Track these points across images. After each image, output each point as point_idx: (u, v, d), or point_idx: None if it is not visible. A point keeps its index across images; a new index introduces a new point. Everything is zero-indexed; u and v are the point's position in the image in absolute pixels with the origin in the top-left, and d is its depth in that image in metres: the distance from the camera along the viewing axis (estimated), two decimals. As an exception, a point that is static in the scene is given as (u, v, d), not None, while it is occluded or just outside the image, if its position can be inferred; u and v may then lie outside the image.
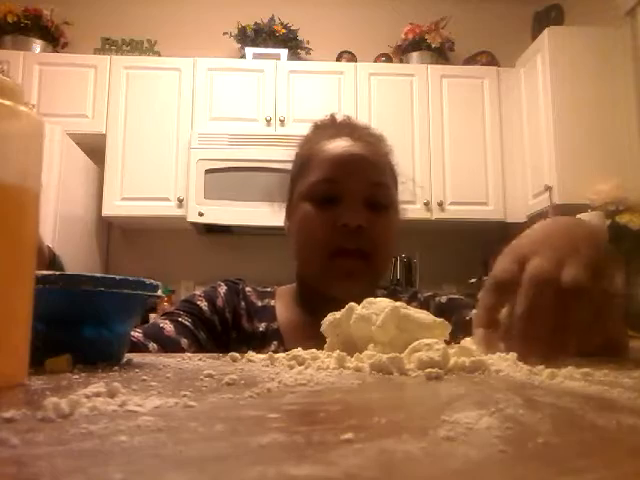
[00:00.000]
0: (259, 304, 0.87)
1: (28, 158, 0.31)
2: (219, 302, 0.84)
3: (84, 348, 0.40)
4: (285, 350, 0.48)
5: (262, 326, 0.83)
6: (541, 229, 0.51)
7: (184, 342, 0.76)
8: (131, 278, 0.43)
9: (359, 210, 0.78)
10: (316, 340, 0.51)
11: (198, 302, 0.83)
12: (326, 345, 0.49)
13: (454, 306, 0.86)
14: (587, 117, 2.61)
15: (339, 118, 0.91)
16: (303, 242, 0.81)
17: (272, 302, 0.87)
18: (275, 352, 0.46)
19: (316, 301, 0.79)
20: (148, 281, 0.44)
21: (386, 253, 0.82)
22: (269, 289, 0.91)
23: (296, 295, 0.88)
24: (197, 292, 0.87)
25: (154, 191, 2.81)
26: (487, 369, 0.37)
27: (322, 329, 0.51)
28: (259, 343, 0.79)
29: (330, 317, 0.51)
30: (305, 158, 0.85)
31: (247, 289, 0.89)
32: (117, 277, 0.42)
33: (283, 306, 0.87)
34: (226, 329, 0.83)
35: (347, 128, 0.87)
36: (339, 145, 0.82)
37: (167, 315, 0.82)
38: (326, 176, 0.80)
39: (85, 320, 0.42)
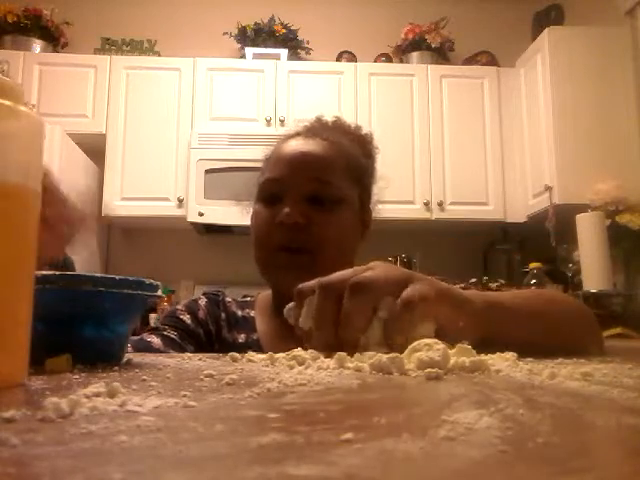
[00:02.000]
0: (239, 314, 0.86)
1: (28, 158, 0.31)
2: (201, 314, 0.84)
3: (84, 348, 0.40)
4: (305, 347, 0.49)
5: (242, 337, 0.83)
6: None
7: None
8: (131, 278, 0.43)
9: (297, 207, 0.77)
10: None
11: (181, 316, 0.83)
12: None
13: None
14: (587, 117, 2.61)
15: (324, 119, 0.92)
16: (253, 240, 0.82)
17: (252, 313, 0.87)
18: None
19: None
20: (148, 281, 0.44)
21: (334, 249, 0.80)
22: (249, 299, 0.91)
23: (272, 302, 0.87)
24: (178, 306, 0.87)
25: (154, 191, 2.81)
26: (487, 369, 0.37)
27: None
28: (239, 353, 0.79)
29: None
30: (266, 158, 0.87)
31: (227, 299, 0.89)
32: (117, 277, 0.42)
33: (262, 316, 0.86)
34: (210, 340, 0.83)
35: (311, 127, 0.88)
36: (290, 145, 0.84)
37: (152, 330, 0.81)
38: (271, 175, 0.81)
39: (85, 320, 0.42)
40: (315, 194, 0.79)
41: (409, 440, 0.17)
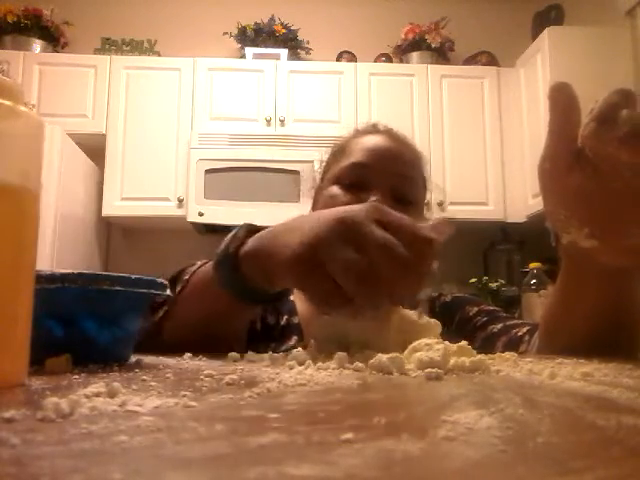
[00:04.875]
0: None
1: (28, 158, 0.31)
2: None
3: (96, 348, 0.40)
4: (304, 346, 0.48)
5: (284, 320, 0.82)
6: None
7: None
8: (144, 277, 0.43)
9: (384, 199, 0.76)
10: None
11: None
12: (310, 348, 0.48)
13: (458, 304, 0.86)
14: (587, 117, 2.61)
15: (380, 126, 0.92)
16: None
17: (291, 297, 0.86)
18: (294, 347, 0.46)
19: None
20: (159, 280, 0.44)
21: None
22: None
23: None
24: None
25: (154, 191, 2.81)
26: (487, 369, 0.37)
27: (314, 330, 0.50)
28: (279, 337, 0.79)
29: (322, 320, 0.50)
30: (339, 148, 0.87)
31: None
32: (132, 276, 0.42)
33: (300, 300, 0.86)
34: (253, 324, 0.80)
35: (385, 130, 0.89)
36: (374, 137, 0.85)
37: None
38: (358, 161, 0.81)
39: (98, 320, 0.41)
40: (400, 190, 0.80)
41: (409, 440, 0.17)
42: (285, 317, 0.83)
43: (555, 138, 0.48)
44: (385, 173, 0.79)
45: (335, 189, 0.80)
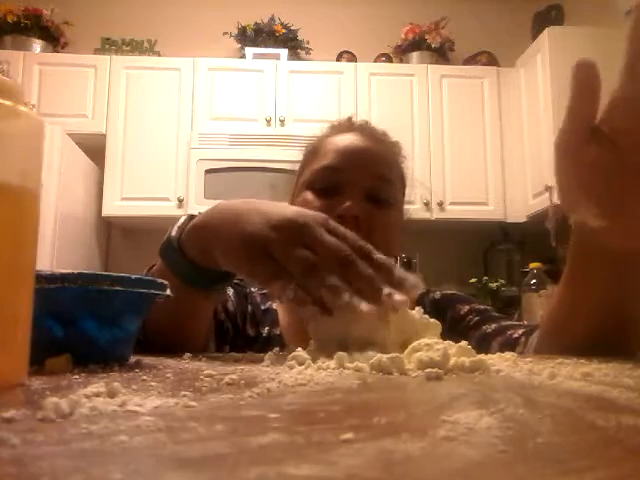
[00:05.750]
0: (262, 307, 0.84)
1: (28, 158, 0.31)
2: (230, 306, 0.80)
3: (96, 348, 0.40)
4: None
5: (265, 331, 0.81)
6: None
7: None
8: (144, 277, 0.43)
9: (358, 201, 0.75)
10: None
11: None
12: (310, 348, 0.48)
13: (448, 302, 0.85)
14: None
15: (356, 120, 0.90)
16: None
17: (274, 305, 0.85)
18: None
19: None
20: (159, 280, 0.44)
21: (385, 251, 0.80)
22: (266, 290, 0.89)
23: None
24: None
25: (154, 191, 2.81)
26: (487, 369, 0.37)
27: (308, 329, 0.50)
28: (260, 348, 0.77)
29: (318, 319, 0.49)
30: (312, 148, 0.84)
31: (252, 290, 0.87)
32: (132, 276, 0.42)
33: (284, 308, 0.84)
34: (236, 335, 0.80)
35: (360, 126, 0.86)
36: (347, 137, 0.81)
37: None
38: (329, 164, 0.78)
39: (98, 320, 0.41)
40: (376, 191, 0.77)
41: (409, 440, 0.17)
42: (267, 328, 0.81)
43: (573, 115, 0.48)
44: (359, 176, 0.76)
45: (308, 195, 0.77)
